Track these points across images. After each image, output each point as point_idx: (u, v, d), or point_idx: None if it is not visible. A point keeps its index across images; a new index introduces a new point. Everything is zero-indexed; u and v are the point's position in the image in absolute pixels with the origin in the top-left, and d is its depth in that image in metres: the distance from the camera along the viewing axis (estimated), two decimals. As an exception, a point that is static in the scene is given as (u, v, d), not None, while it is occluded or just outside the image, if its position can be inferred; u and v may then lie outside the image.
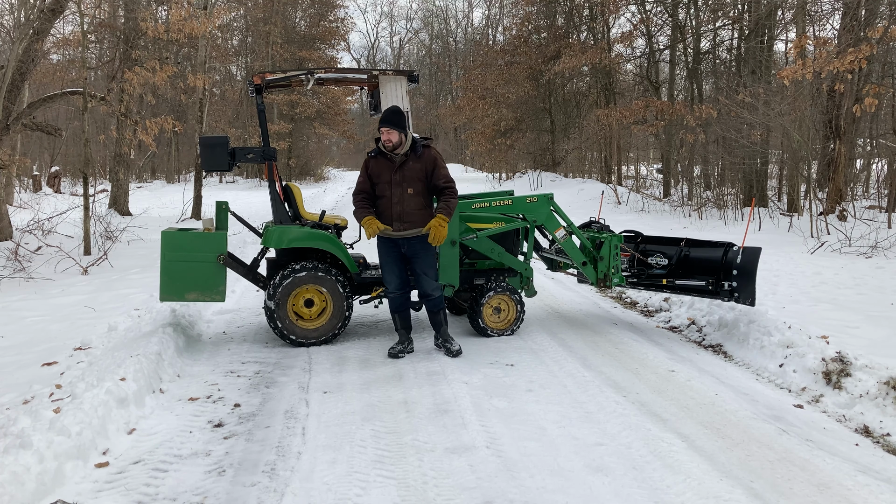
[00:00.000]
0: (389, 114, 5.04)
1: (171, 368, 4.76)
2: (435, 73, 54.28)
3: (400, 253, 5.20)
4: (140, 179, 32.50)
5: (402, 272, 5.27)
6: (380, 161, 5.13)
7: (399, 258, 5.23)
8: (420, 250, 5.16)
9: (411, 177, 5.06)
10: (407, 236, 5.10)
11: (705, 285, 5.80)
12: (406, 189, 5.06)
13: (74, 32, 17.44)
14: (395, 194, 5.06)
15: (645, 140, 25.16)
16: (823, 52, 9.82)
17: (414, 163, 5.07)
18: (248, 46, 33.96)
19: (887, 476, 3.28)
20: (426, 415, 4.02)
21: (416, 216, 5.09)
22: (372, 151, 5.21)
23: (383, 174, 5.09)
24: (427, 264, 5.21)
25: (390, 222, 5.08)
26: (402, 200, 5.07)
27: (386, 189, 5.10)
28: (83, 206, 10.17)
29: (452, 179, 5.18)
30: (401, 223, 5.08)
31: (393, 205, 5.07)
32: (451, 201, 5.11)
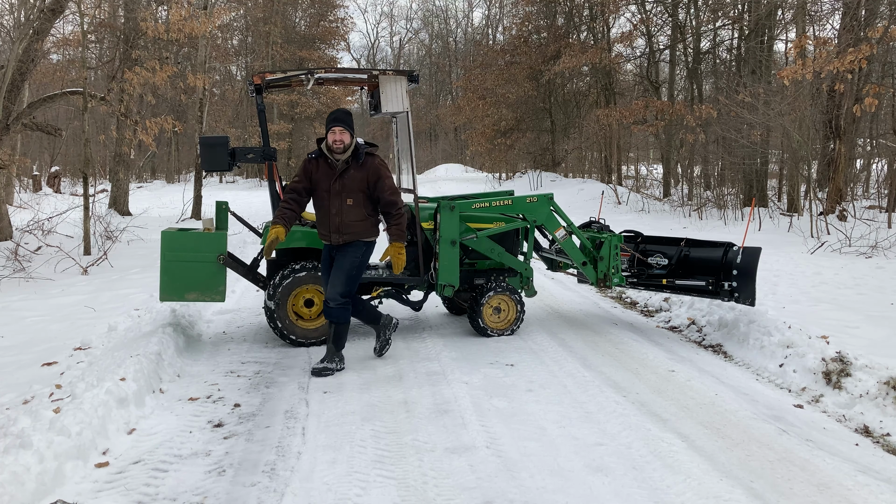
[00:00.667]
0: (341, 113, 4.76)
1: (171, 368, 4.76)
2: (435, 73, 54.26)
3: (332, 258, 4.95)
4: (140, 179, 32.51)
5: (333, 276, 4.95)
6: (321, 165, 4.79)
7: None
8: (341, 254, 4.84)
9: (351, 186, 4.73)
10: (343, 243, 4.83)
11: (705, 285, 5.80)
12: (345, 199, 4.74)
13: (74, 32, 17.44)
14: (333, 205, 4.75)
15: (645, 140, 25.16)
16: (823, 52, 9.82)
17: (356, 171, 4.74)
18: (248, 46, 33.97)
19: (887, 476, 3.28)
20: (426, 415, 4.02)
21: (355, 228, 4.79)
22: (313, 153, 4.85)
23: (322, 181, 4.78)
24: (340, 270, 4.82)
25: (328, 233, 4.82)
26: (341, 212, 4.75)
27: (324, 198, 4.78)
28: (83, 206, 10.18)
29: (398, 192, 4.89)
30: (339, 235, 4.79)
31: (331, 216, 4.77)
32: (401, 222, 4.81)
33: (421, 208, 5.86)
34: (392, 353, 5.34)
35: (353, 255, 4.83)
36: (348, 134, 4.71)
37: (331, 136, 4.70)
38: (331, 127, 4.71)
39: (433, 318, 6.61)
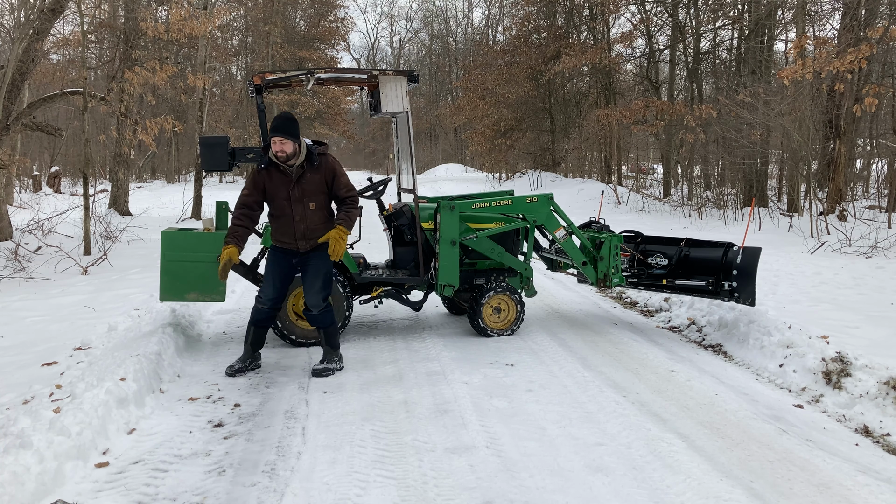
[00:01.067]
0: (282, 121, 4.55)
1: (171, 368, 4.76)
2: (435, 73, 54.26)
3: (291, 265, 4.82)
4: (140, 179, 32.51)
5: (283, 286, 4.85)
6: (273, 175, 4.63)
7: (288, 270, 4.84)
8: (312, 261, 4.75)
9: (311, 190, 4.63)
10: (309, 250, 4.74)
11: (705, 285, 5.80)
12: (308, 205, 4.63)
13: (74, 32, 17.44)
14: (296, 212, 4.63)
15: (645, 140, 25.16)
16: (823, 52, 9.82)
17: (312, 174, 4.62)
18: (248, 46, 33.96)
19: (887, 476, 3.28)
20: (426, 415, 4.02)
21: (321, 231, 4.69)
22: (262, 164, 4.68)
23: (279, 190, 4.61)
24: (315, 276, 4.76)
25: (294, 241, 4.69)
26: (305, 217, 4.64)
27: (285, 206, 4.64)
28: (83, 206, 10.17)
29: (354, 188, 4.82)
30: (305, 241, 4.69)
31: (295, 223, 4.64)
32: (353, 211, 4.71)
33: (421, 208, 5.86)
34: (392, 353, 5.34)
35: (325, 259, 4.73)
36: (290, 143, 4.53)
37: (273, 145, 4.55)
38: (271, 137, 4.54)
39: (433, 318, 6.61)
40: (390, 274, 5.89)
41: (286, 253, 4.80)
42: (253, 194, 4.70)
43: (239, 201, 4.72)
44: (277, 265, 4.83)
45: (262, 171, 4.67)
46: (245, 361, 4.90)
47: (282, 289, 4.87)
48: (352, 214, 4.72)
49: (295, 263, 4.83)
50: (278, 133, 4.52)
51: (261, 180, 4.67)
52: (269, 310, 4.87)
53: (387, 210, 6.09)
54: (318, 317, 4.85)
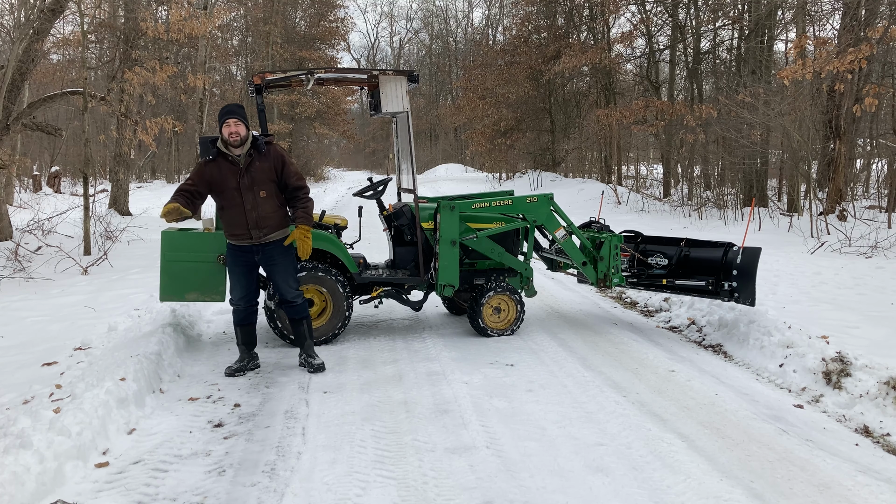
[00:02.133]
0: (234, 106, 4.60)
1: (171, 368, 4.76)
2: (435, 73, 54.27)
3: (252, 262, 4.80)
4: (140, 179, 32.50)
5: (250, 283, 4.87)
6: (221, 165, 4.59)
7: (250, 267, 4.83)
8: (277, 256, 4.78)
9: (261, 178, 4.61)
10: (265, 242, 4.73)
11: (705, 285, 5.80)
12: (258, 192, 4.60)
13: (74, 32, 17.44)
14: (247, 200, 4.59)
15: (645, 140, 25.16)
16: (823, 52, 9.82)
17: (261, 163, 4.62)
18: (248, 46, 33.95)
19: (887, 476, 3.28)
20: (426, 415, 4.02)
21: (274, 219, 4.70)
22: (209, 155, 4.63)
23: (228, 180, 4.58)
24: (286, 270, 4.83)
25: (247, 231, 4.65)
26: (257, 205, 4.61)
27: (235, 196, 4.59)
28: (83, 206, 10.17)
29: (303, 177, 4.85)
30: (259, 230, 4.67)
31: (247, 212, 4.61)
32: (308, 205, 4.76)
33: (421, 208, 5.86)
34: (392, 353, 5.34)
35: (287, 251, 4.81)
36: (243, 125, 4.55)
37: (225, 129, 4.53)
38: (225, 120, 4.53)
39: (433, 318, 6.61)
40: (390, 274, 5.89)
41: (244, 251, 4.77)
42: (197, 185, 4.63)
43: (179, 188, 4.62)
44: (238, 265, 4.82)
45: (210, 163, 4.62)
46: (243, 361, 4.91)
47: (248, 285, 4.89)
48: (308, 208, 4.76)
49: (257, 261, 4.81)
50: (231, 115, 4.53)
51: (207, 172, 4.63)
52: (245, 308, 4.90)
53: (387, 210, 6.09)
54: (299, 306, 4.92)
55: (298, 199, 4.77)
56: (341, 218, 6.06)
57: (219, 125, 4.60)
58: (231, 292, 4.90)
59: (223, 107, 4.63)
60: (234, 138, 4.54)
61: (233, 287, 4.88)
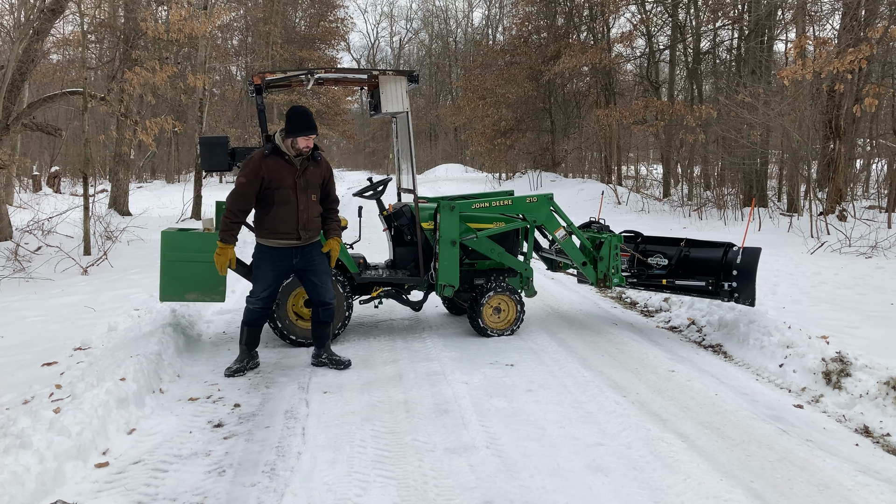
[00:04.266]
0: (313, 119, 4.67)
1: (171, 368, 4.76)
2: (435, 73, 54.26)
3: (289, 265, 4.80)
4: (140, 179, 32.51)
5: (277, 285, 4.89)
6: (278, 162, 4.63)
7: (283, 270, 4.83)
8: (317, 258, 4.86)
9: (314, 183, 4.75)
10: (307, 244, 4.80)
11: (705, 285, 5.80)
12: (310, 195, 4.72)
13: (74, 32, 17.43)
14: (301, 201, 4.66)
15: (645, 140, 25.15)
16: (823, 52, 9.82)
17: (314, 168, 4.76)
18: (248, 46, 33.96)
19: (887, 476, 3.28)
20: (426, 415, 4.02)
21: (316, 224, 4.83)
22: (266, 149, 4.66)
23: (285, 178, 4.63)
24: (326, 272, 4.92)
25: (295, 231, 4.68)
26: (308, 208, 4.70)
27: (290, 195, 4.64)
28: (83, 206, 10.17)
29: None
30: (306, 232, 4.73)
31: (300, 212, 4.67)
32: (338, 220, 5.03)
33: (421, 208, 5.86)
34: (392, 353, 5.34)
35: (323, 254, 4.93)
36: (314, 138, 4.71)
37: (303, 141, 4.61)
38: (306, 134, 4.61)
39: (433, 318, 6.61)
40: (390, 274, 5.89)
41: (283, 254, 4.76)
42: (253, 184, 4.60)
43: (240, 193, 4.60)
44: (272, 267, 4.78)
45: (267, 158, 4.61)
46: (242, 361, 4.91)
47: (275, 287, 4.89)
48: (339, 222, 5.03)
49: (294, 264, 4.82)
50: (313, 132, 4.64)
51: (264, 168, 4.60)
52: (261, 309, 4.87)
53: (387, 210, 6.09)
54: (332, 310, 5.01)
55: (334, 211, 4.98)
56: (341, 218, 6.06)
57: (293, 131, 4.59)
58: (253, 290, 4.85)
59: (301, 115, 4.61)
60: (306, 151, 4.67)
61: (257, 285, 4.83)
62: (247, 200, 4.64)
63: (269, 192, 4.64)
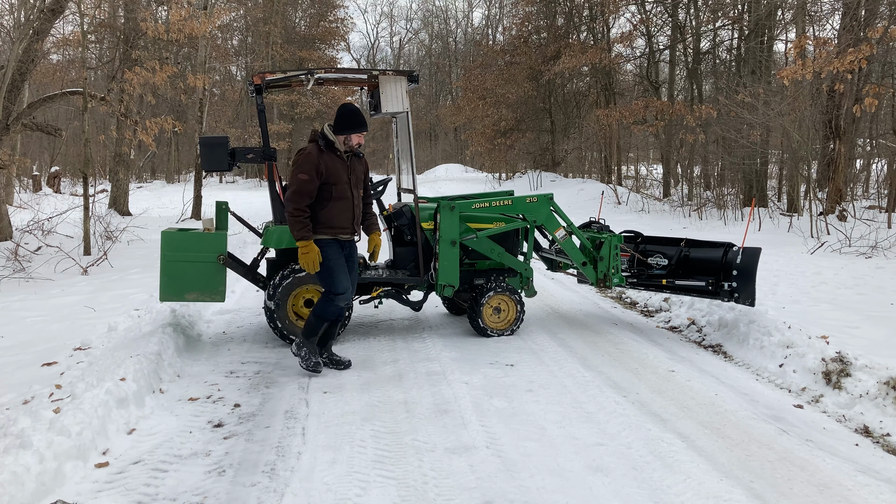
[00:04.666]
0: (359, 116, 4.68)
1: (171, 368, 4.76)
2: (435, 73, 54.25)
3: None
4: (140, 179, 32.51)
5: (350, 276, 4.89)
6: (332, 158, 4.64)
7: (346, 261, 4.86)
8: (355, 255, 4.93)
9: (360, 179, 4.84)
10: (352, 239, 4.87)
11: (705, 286, 5.80)
12: (359, 191, 4.81)
13: (74, 32, 17.42)
14: (354, 196, 4.73)
15: (645, 140, 25.16)
16: (823, 52, 9.82)
17: (358, 165, 4.81)
18: (248, 46, 33.98)
19: (887, 476, 3.28)
20: (426, 415, 4.02)
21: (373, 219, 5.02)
22: (320, 142, 4.65)
23: (340, 173, 4.66)
24: (355, 273, 4.95)
25: (351, 225, 4.74)
26: (359, 203, 4.80)
27: (346, 190, 4.68)
28: (83, 206, 10.17)
29: None
30: (358, 226, 4.84)
31: (354, 207, 4.74)
32: (375, 214, 5.08)
33: (421, 208, 5.86)
34: (392, 353, 5.34)
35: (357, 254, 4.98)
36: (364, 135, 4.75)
37: (355, 138, 4.66)
38: (359, 131, 4.65)
39: (433, 318, 6.61)
40: (390, 274, 5.89)
41: (341, 245, 4.78)
42: (314, 180, 4.56)
43: (302, 191, 4.54)
44: (340, 257, 4.74)
45: (322, 153, 4.60)
46: (321, 355, 4.95)
47: (350, 278, 4.85)
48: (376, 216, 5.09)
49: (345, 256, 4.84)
50: (364, 129, 4.67)
51: (322, 162, 4.58)
52: (349, 300, 4.88)
53: (387, 210, 6.09)
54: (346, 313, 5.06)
55: (370, 206, 5.02)
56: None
57: (345, 128, 4.61)
58: (338, 285, 4.72)
59: (352, 112, 4.65)
60: (356, 148, 4.73)
61: (339, 280, 4.73)
62: (310, 196, 4.58)
63: (326, 186, 4.61)
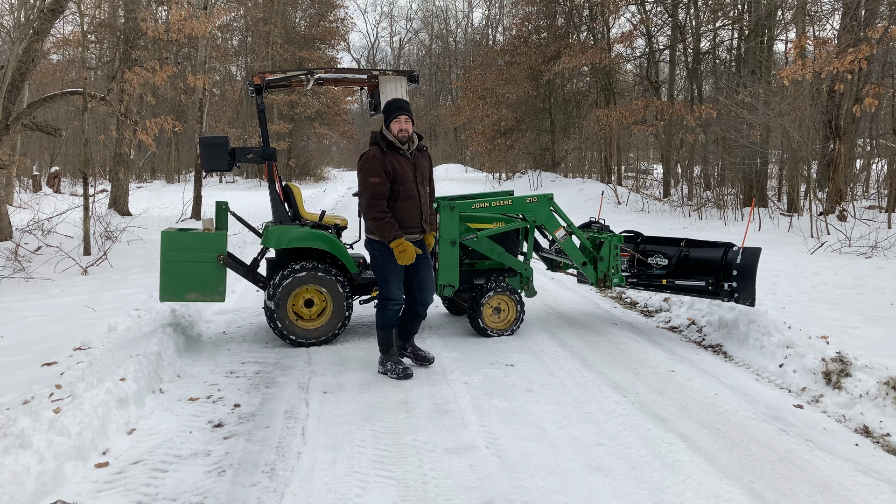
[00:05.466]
0: (403, 101, 4.53)
1: (171, 368, 4.76)
2: (435, 73, 54.25)
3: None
4: (140, 179, 32.51)
5: (405, 282, 4.75)
6: (396, 157, 4.50)
7: (407, 266, 4.68)
8: (426, 254, 4.75)
9: (426, 175, 4.67)
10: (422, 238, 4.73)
11: (705, 286, 5.80)
12: (425, 187, 4.63)
13: (74, 32, 17.43)
14: (421, 194, 4.58)
15: (645, 140, 25.16)
16: (823, 52, 9.82)
17: (422, 160, 4.66)
18: (248, 46, 33.97)
19: (887, 476, 3.28)
20: (426, 415, 4.02)
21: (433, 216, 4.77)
22: (380, 144, 4.51)
23: (407, 172, 4.50)
24: (429, 269, 4.81)
25: (419, 224, 4.59)
26: (426, 200, 4.63)
27: (413, 188, 4.53)
28: (83, 206, 10.17)
29: None
30: (427, 224, 4.66)
31: (422, 205, 4.59)
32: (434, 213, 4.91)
33: (421, 208, 5.85)
34: (392, 353, 5.33)
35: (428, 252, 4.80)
36: (411, 122, 4.51)
37: (395, 125, 4.46)
38: (396, 116, 4.45)
39: (433, 318, 6.61)
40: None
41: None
42: (385, 182, 4.44)
43: (378, 193, 4.44)
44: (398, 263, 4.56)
45: (385, 154, 4.47)
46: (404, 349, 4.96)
47: (405, 283, 4.73)
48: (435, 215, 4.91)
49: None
50: (402, 111, 4.45)
51: (387, 163, 4.46)
52: (398, 308, 4.73)
53: (387, 210, 6.08)
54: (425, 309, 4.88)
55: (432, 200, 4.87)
56: (341, 218, 6.06)
57: (387, 119, 4.49)
58: (392, 294, 4.63)
59: (392, 101, 4.52)
60: (403, 135, 4.48)
61: (394, 287, 4.62)
62: (384, 196, 4.47)
63: (393, 186, 4.49)
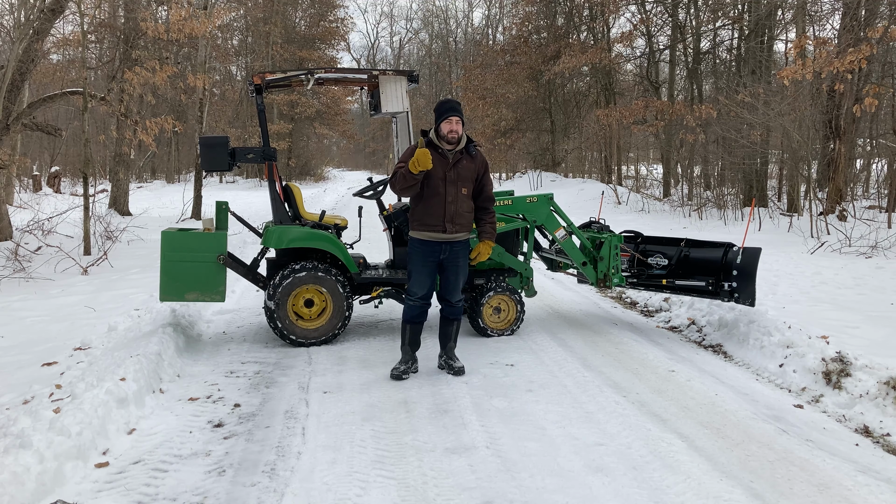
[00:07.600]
0: (455, 102, 4.60)
1: (171, 368, 4.76)
2: (435, 73, 54.21)
3: (437, 259, 4.71)
4: (140, 179, 32.51)
5: (432, 279, 4.78)
6: (433, 155, 4.56)
7: (436, 264, 4.73)
8: (462, 257, 4.78)
9: (466, 176, 4.65)
10: (455, 240, 4.71)
11: (705, 286, 5.80)
12: (460, 188, 4.64)
13: (74, 32, 17.42)
14: (449, 193, 4.60)
15: (645, 140, 25.16)
16: (823, 52, 9.82)
17: (468, 162, 4.67)
18: (248, 46, 33.96)
19: (887, 476, 3.28)
20: (426, 415, 4.02)
21: (466, 219, 4.72)
22: (425, 139, 4.63)
23: (436, 169, 4.55)
24: (464, 273, 4.85)
25: (441, 223, 4.62)
26: (457, 200, 4.63)
27: (439, 186, 4.58)
28: (83, 206, 10.17)
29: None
30: (452, 225, 4.65)
31: (447, 204, 4.60)
32: (494, 221, 4.86)
33: (421, 208, 5.84)
34: (392, 353, 5.33)
35: (466, 254, 4.83)
36: (461, 124, 4.57)
37: (446, 125, 4.54)
38: (447, 116, 4.53)
39: (433, 318, 6.58)
40: (390, 274, 5.89)
41: (432, 247, 4.67)
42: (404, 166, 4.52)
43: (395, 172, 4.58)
44: (426, 259, 4.69)
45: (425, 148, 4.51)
46: (407, 363, 4.83)
47: (430, 281, 4.77)
48: (494, 224, 4.84)
49: (442, 259, 4.72)
50: (453, 112, 4.52)
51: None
52: (421, 304, 4.78)
53: (387, 210, 6.09)
54: (459, 308, 4.89)
55: (488, 211, 4.83)
56: (341, 218, 6.06)
57: (437, 119, 4.56)
58: (412, 289, 4.75)
59: (443, 101, 4.57)
60: (453, 136, 4.55)
61: (413, 282, 4.73)
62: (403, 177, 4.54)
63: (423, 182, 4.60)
